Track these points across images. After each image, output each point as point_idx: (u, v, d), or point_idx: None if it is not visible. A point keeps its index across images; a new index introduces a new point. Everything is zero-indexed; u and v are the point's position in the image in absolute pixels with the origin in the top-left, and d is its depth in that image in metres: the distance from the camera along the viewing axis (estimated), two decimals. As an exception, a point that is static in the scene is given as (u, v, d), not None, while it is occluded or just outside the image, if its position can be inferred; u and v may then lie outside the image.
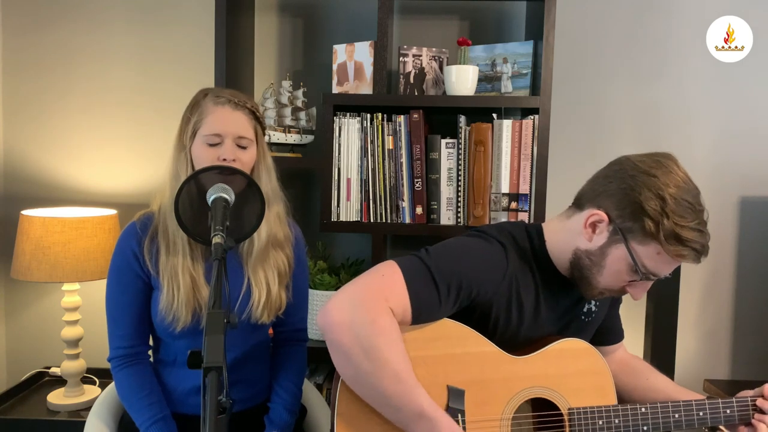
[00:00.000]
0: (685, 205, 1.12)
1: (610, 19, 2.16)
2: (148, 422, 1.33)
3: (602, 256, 1.19)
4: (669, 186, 1.12)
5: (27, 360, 2.28)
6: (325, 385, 1.99)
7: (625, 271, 1.18)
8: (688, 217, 1.11)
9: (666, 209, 1.11)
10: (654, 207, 1.11)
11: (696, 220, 1.12)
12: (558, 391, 1.23)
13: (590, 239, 1.20)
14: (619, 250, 1.17)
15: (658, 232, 1.11)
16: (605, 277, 1.20)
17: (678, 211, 1.11)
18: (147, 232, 1.38)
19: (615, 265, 1.18)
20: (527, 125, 1.84)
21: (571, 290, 1.29)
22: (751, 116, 2.17)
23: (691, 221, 1.11)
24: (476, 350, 1.20)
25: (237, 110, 1.35)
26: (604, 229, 1.18)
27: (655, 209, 1.11)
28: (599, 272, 1.20)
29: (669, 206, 1.11)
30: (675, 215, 1.11)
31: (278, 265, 1.43)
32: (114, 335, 1.39)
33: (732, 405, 1.26)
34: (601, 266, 1.19)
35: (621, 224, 1.16)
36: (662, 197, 1.11)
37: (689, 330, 2.22)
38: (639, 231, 1.13)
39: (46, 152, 2.25)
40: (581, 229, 1.21)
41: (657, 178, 1.13)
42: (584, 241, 1.21)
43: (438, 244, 1.23)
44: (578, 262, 1.22)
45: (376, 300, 1.10)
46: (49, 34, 2.22)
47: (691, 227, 1.11)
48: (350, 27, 2.17)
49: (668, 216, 1.10)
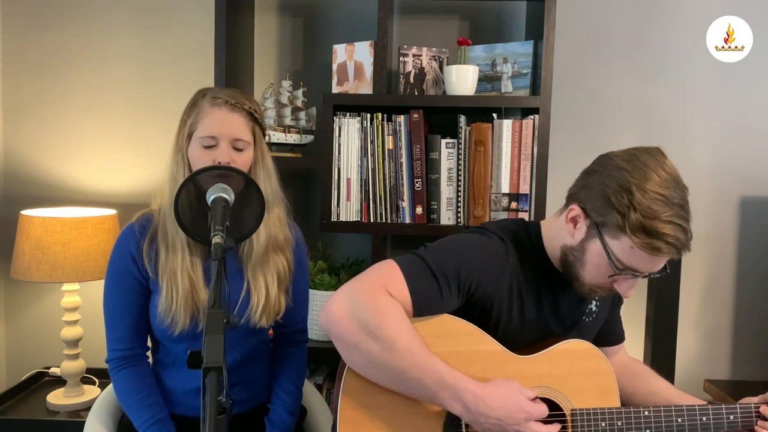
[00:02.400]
0: (655, 197, 1.09)
1: (610, 19, 2.16)
2: (147, 423, 1.33)
3: (582, 252, 1.19)
4: (639, 179, 1.11)
5: (27, 360, 2.28)
6: (325, 385, 1.98)
7: (604, 266, 1.18)
8: (658, 209, 1.09)
9: (633, 202, 1.10)
10: (621, 200, 1.11)
11: (668, 213, 1.09)
12: (561, 392, 1.23)
13: (572, 234, 1.21)
14: (596, 244, 1.17)
15: (625, 225, 1.11)
16: (588, 272, 1.20)
17: (646, 204, 1.09)
18: (146, 234, 1.37)
19: (594, 259, 1.18)
20: (527, 125, 1.84)
21: (572, 289, 1.29)
22: (751, 116, 2.17)
23: (662, 214, 1.09)
24: (480, 348, 1.20)
25: (234, 112, 1.34)
26: (583, 224, 1.19)
27: (621, 202, 1.11)
28: (582, 268, 1.21)
29: (636, 198, 1.09)
30: (643, 207, 1.09)
31: (278, 269, 1.42)
32: (112, 337, 1.39)
33: (735, 411, 1.25)
34: (583, 262, 1.20)
35: (595, 218, 1.16)
36: (629, 190, 1.10)
37: (689, 330, 2.21)
38: (611, 225, 1.13)
39: (46, 152, 2.25)
40: (565, 225, 1.22)
41: (626, 171, 1.12)
42: (569, 237, 1.22)
43: (437, 241, 1.24)
44: (565, 258, 1.23)
45: (375, 287, 1.12)
46: (49, 34, 2.22)
47: (662, 219, 1.09)
48: (350, 27, 2.17)
49: (635, 208, 1.09)
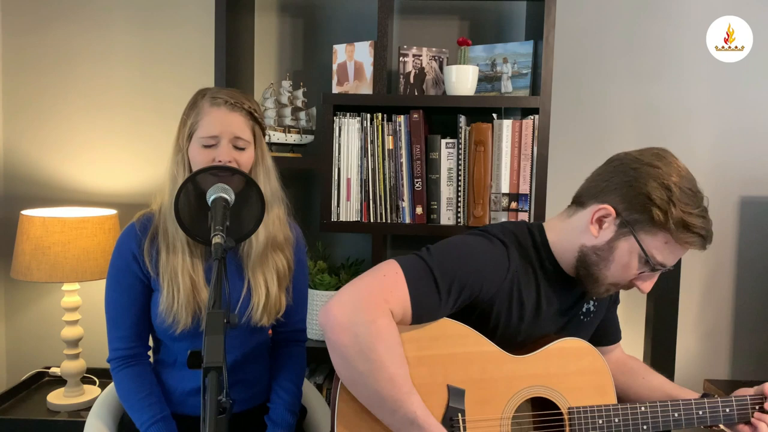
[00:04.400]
0: (688, 193, 1.14)
1: (610, 19, 2.16)
2: (148, 423, 1.33)
3: (610, 251, 1.20)
4: (672, 175, 1.15)
5: (27, 360, 2.28)
6: (325, 385, 1.99)
7: (634, 264, 1.20)
8: (692, 204, 1.14)
9: (673, 198, 1.13)
10: (661, 196, 1.14)
11: (699, 207, 1.15)
12: (558, 390, 1.23)
13: (597, 234, 1.21)
14: (628, 242, 1.19)
15: (667, 220, 1.13)
16: (613, 271, 1.22)
17: (683, 199, 1.14)
18: (147, 234, 1.37)
19: (624, 258, 1.20)
20: (527, 125, 1.84)
21: (572, 289, 1.29)
22: (751, 116, 2.17)
23: (695, 208, 1.14)
24: (476, 349, 1.20)
25: (234, 111, 1.34)
26: (611, 224, 1.20)
27: (662, 198, 1.14)
28: (606, 267, 1.22)
29: (675, 195, 1.13)
30: (681, 203, 1.13)
31: (278, 268, 1.42)
32: (113, 336, 1.39)
33: (731, 404, 1.27)
34: (609, 261, 1.21)
35: (628, 217, 1.18)
36: (668, 186, 1.14)
37: (689, 330, 2.22)
38: (647, 222, 1.16)
39: (46, 152, 2.25)
40: (586, 226, 1.22)
41: (660, 168, 1.16)
42: (590, 237, 1.22)
43: (440, 243, 1.24)
44: (585, 259, 1.23)
45: (377, 302, 1.11)
46: (49, 34, 2.22)
47: (696, 214, 1.14)
48: (350, 27, 2.17)
49: (675, 204, 1.13)
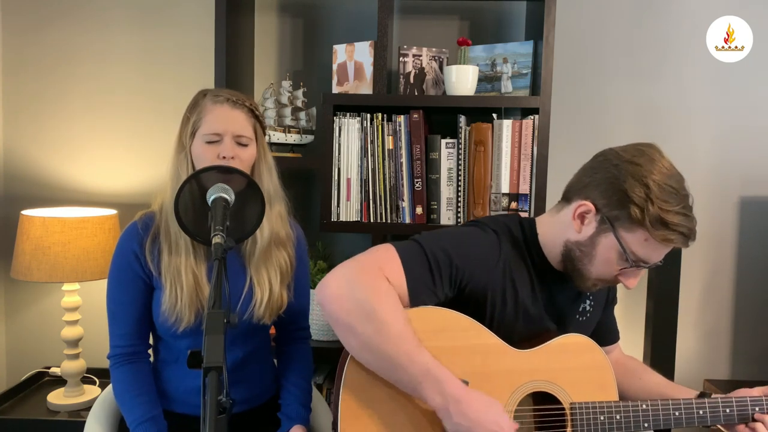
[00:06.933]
0: (668, 190, 1.14)
1: (610, 19, 2.16)
2: (137, 422, 1.32)
3: (592, 246, 1.21)
4: (653, 173, 1.15)
5: (27, 360, 2.28)
6: (325, 385, 1.99)
7: (615, 260, 1.20)
8: (672, 201, 1.13)
9: (650, 195, 1.13)
10: (639, 194, 1.14)
11: (680, 205, 1.14)
12: (560, 386, 1.23)
13: (579, 230, 1.22)
14: (608, 238, 1.19)
15: (644, 218, 1.13)
16: (596, 266, 1.22)
17: (662, 197, 1.13)
18: (148, 233, 1.37)
19: (605, 253, 1.20)
20: (527, 125, 1.84)
21: (566, 286, 1.30)
22: (751, 116, 2.17)
23: (675, 206, 1.13)
24: (479, 342, 1.20)
25: (236, 108, 1.36)
26: (593, 219, 1.20)
27: (640, 196, 1.14)
28: (590, 262, 1.22)
29: (653, 192, 1.13)
30: (659, 200, 1.13)
31: (280, 264, 1.43)
32: (114, 334, 1.39)
33: (731, 404, 1.27)
34: (592, 256, 1.21)
35: (608, 213, 1.18)
36: (646, 184, 1.14)
37: (689, 330, 2.22)
38: (626, 218, 1.16)
39: (46, 152, 2.25)
40: (570, 221, 1.23)
41: (641, 165, 1.16)
42: (574, 233, 1.23)
43: (433, 231, 1.27)
44: (569, 253, 1.24)
45: (373, 270, 1.14)
46: (49, 34, 2.22)
47: (675, 212, 1.13)
48: (350, 27, 2.17)
49: (653, 202, 1.13)
